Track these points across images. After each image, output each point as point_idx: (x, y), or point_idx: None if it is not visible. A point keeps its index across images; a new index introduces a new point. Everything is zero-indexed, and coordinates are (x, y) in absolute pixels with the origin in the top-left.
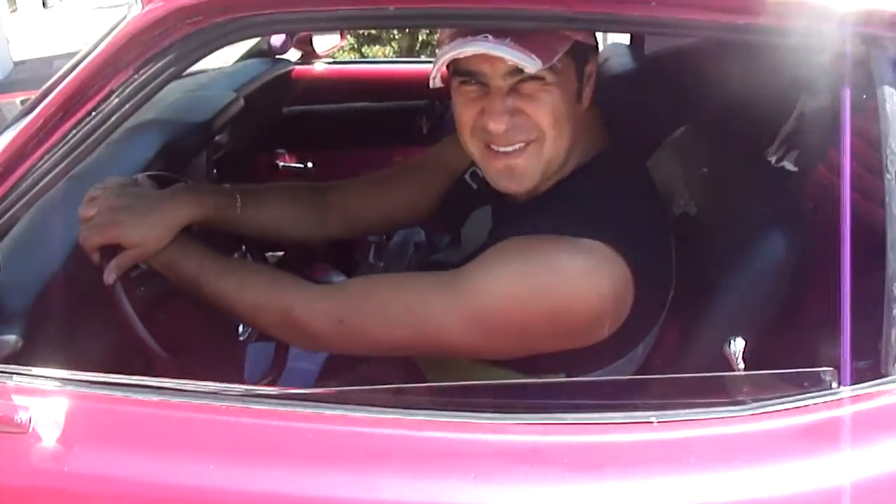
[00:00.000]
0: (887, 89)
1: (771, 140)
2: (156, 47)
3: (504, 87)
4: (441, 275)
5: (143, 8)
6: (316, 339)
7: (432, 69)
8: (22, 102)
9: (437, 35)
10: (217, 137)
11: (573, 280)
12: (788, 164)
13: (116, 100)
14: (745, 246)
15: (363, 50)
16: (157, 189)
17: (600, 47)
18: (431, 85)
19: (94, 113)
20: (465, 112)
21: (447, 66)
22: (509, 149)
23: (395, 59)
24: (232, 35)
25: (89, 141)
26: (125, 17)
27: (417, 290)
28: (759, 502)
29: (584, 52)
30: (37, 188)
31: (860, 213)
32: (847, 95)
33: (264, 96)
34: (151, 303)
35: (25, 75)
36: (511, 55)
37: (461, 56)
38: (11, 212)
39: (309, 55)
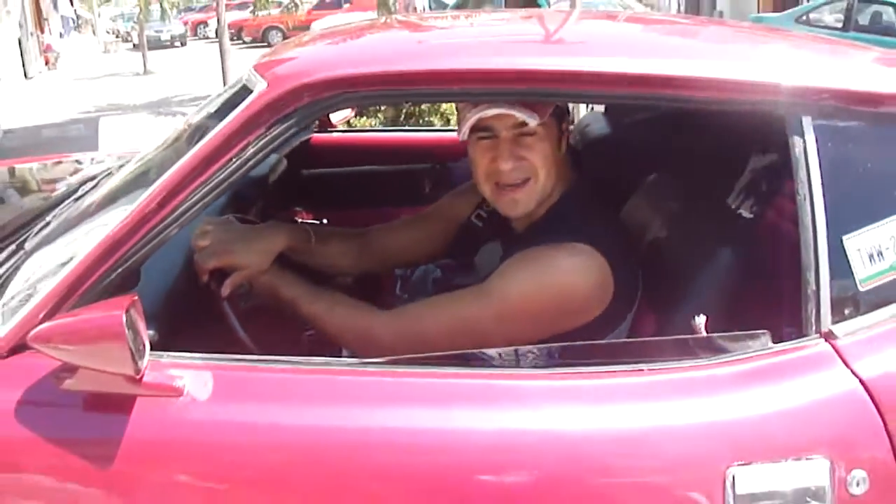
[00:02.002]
0: (795, 138)
1: (728, 186)
2: (283, 112)
3: (509, 137)
4: (472, 289)
5: (267, 85)
6: (389, 350)
7: (462, 127)
8: (10, 172)
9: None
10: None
11: (569, 274)
12: (745, 212)
13: (251, 150)
14: (703, 256)
15: (350, 121)
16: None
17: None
18: (461, 139)
19: (233, 160)
20: (481, 159)
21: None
22: (513, 184)
23: (398, 128)
24: (341, 105)
25: (228, 182)
26: (252, 92)
27: (458, 304)
28: (714, 423)
29: (562, 114)
30: (184, 218)
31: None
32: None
33: (291, 160)
34: (247, 313)
35: (14, 143)
36: (520, 113)
37: (486, 115)
38: (163, 235)
39: (324, 124)
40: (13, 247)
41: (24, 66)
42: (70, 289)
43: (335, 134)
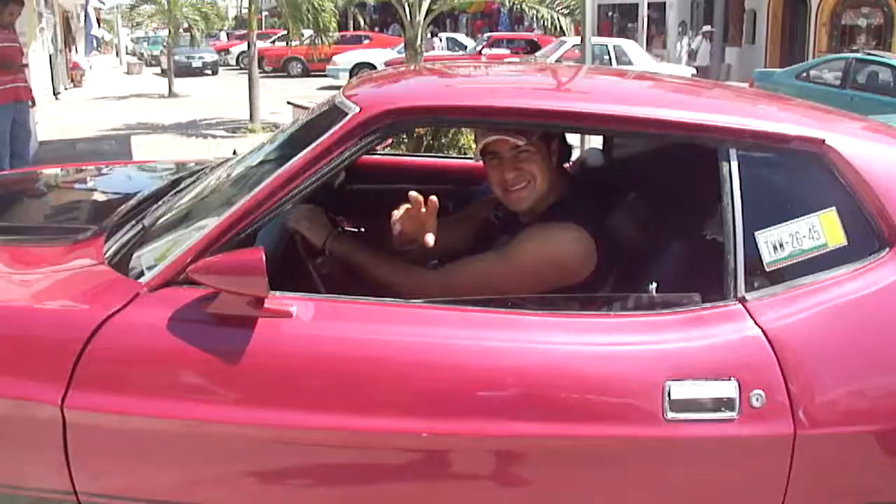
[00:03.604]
0: (723, 163)
1: (682, 200)
2: (370, 128)
3: (509, 156)
4: (493, 253)
5: (360, 109)
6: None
7: (476, 150)
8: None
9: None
10: None
11: (564, 245)
12: (693, 217)
13: (345, 156)
14: (660, 248)
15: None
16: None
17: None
18: (475, 159)
19: (331, 162)
20: (492, 174)
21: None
22: (517, 188)
23: (429, 154)
24: (412, 126)
25: (325, 178)
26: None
27: (483, 265)
28: (659, 350)
29: (549, 137)
30: (292, 201)
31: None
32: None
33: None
34: (329, 274)
35: (51, 155)
36: (511, 137)
37: (488, 140)
38: (276, 210)
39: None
40: (133, 223)
41: (53, 83)
42: (209, 244)
43: (374, 156)
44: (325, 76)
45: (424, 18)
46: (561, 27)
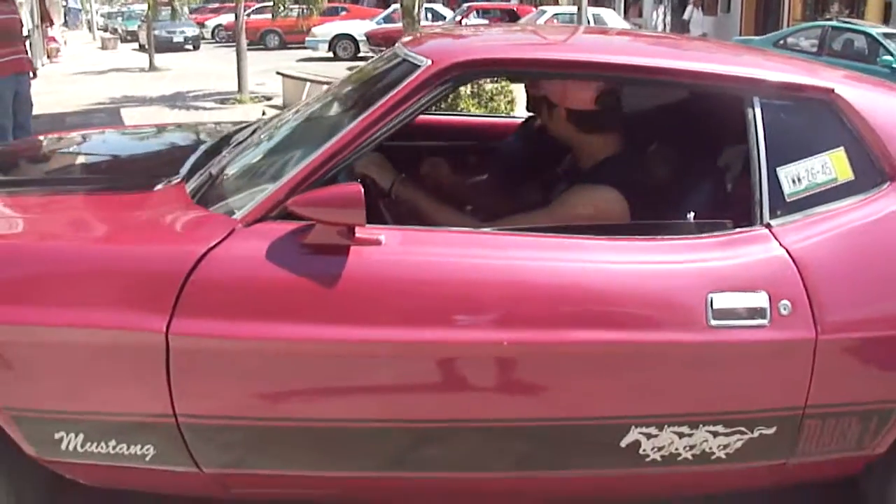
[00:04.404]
0: (748, 109)
1: (707, 146)
2: (441, 79)
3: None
4: (541, 210)
5: (431, 61)
6: None
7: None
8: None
9: None
10: None
11: (603, 203)
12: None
13: (418, 104)
14: (691, 185)
15: None
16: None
17: None
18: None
19: (407, 110)
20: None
21: None
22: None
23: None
24: (479, 77)
25: (399, 125)
26: (419, 67)
27: (532, 217)
28: (701, 267)
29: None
30: (371, 145)
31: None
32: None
33: None
34: (398, 213)
35: (44, 127)
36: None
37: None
38: (357, 153)
39: None
40: (208, 171)
41: (31, 56)
42: (299, 182)
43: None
44: (302, 48)
45: None
46: None
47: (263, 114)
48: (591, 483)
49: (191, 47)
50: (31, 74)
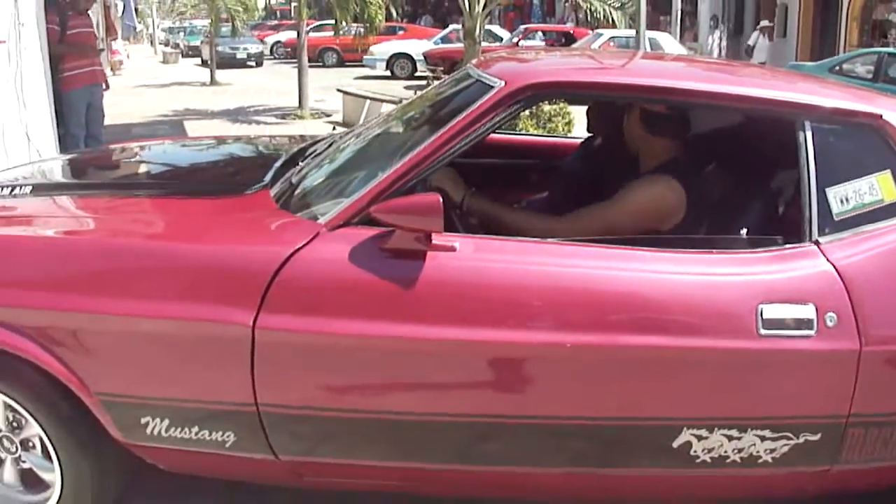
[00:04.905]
0: (800, 133)
1: (762, 168)
2: (514, 99)
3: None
4: (608, 202)
5: (505, 83)
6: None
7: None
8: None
9: None
10: None
11: (664, 192)
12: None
13: (494, 120)
14: (746, 202)
15: None
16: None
17: None
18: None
19: (481, 128)
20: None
21: None
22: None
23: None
24: (547, 98)
25: (472, 143)
26: (493, 88)
27: (598, 208)
28: (753, 279)
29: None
30: (445, 161)
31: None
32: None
33: None
34: (468, 224)
35: (111, 138)
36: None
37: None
38: (433, 168)
39: None
40: (289, 179)
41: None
42: (380, 192)
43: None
44: (360, 66)
45: (483, 8)
46: (613, 20)
47: (334, 129)
48: (642, 482)
49: (254, 63)
50: (104, 86)
